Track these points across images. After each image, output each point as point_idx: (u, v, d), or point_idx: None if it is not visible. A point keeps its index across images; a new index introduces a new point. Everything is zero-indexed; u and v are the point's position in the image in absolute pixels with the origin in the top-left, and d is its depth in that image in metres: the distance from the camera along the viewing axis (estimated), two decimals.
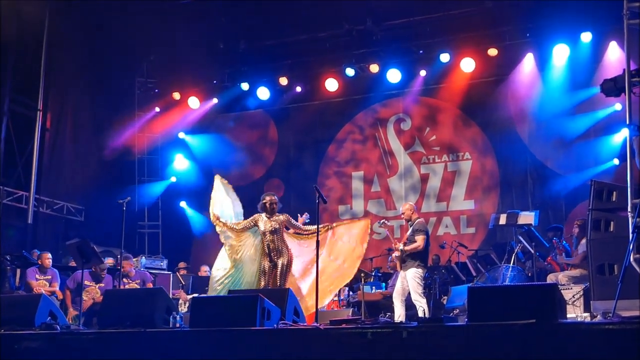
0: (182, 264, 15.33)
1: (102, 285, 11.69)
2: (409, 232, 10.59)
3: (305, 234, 10.05)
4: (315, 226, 9.33)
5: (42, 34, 14.85)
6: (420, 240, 10.29)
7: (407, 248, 10.36)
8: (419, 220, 10.64)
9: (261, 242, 9.90)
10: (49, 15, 14.78)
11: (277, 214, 9.97)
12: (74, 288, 11.57)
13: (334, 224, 10.37)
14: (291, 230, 10.12)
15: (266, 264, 9.75)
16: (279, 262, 9.71)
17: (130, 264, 12.15)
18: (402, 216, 10.95)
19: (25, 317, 7.99)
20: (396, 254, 10.56)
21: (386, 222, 11.49)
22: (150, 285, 12.00)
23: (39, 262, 11.72)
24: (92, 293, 11.38)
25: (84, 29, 15.41)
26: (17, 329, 7.70)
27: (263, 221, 9.91)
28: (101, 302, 8.71)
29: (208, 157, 17.93)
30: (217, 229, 10.26)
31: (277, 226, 9.84)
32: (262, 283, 9.71)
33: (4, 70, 14.75)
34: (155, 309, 7.65)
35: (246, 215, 10.49)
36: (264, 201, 10.01)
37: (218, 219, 10.19)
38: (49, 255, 11.83)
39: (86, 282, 10.69)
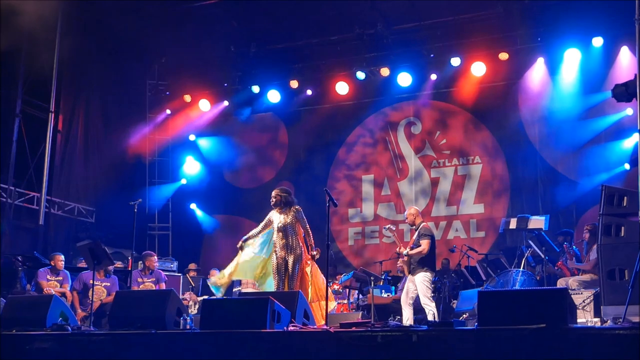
0: (192, 265, 15.39)
1: (107, 284, 11.75)
2: (414, 237, 10.61)
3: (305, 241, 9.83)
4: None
5: (54, 36, 14.91)
6: (424, 244, 10.31)
7: (411, 252, 10.38)
8: (423, 224, 10.67)
9: (277, 238, 9.73)
10: (61, 18, 14.84)
11: (288, 206, 9.74)
12: (80, 289, 11.63)
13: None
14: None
15: (279, 261, 9.63)
16: (290, 260, 9.57)
17: (153, 261, 12.22)
18: (406, 221, 10.97)
19: (36, 317, 8.03)
20: (404, 258, 10.58)
21: (392, 227, 11.51)
22: (163, 286, 12.05)
23: (52, 263, 11.78)
24: (99, 293, 11.42)
25: (96, 32, 15.48)
26: (29, 330, 7.74)
27: (276, 216, 9.78)
28: (112, 303, 8.73)
29: (218, 160, 18.00)
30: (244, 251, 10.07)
31: (289, 221, 9.63)
32: (276, 282, 9.63)
33: (16, 72, 14.84)
34: (166, 311, 7.67)
35: None
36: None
37: (241, 247, 10.04)
38: (62, 257, 11.90)
39: (91, 282, 10.72)
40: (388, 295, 12.60)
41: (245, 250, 10.00)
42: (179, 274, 14.57)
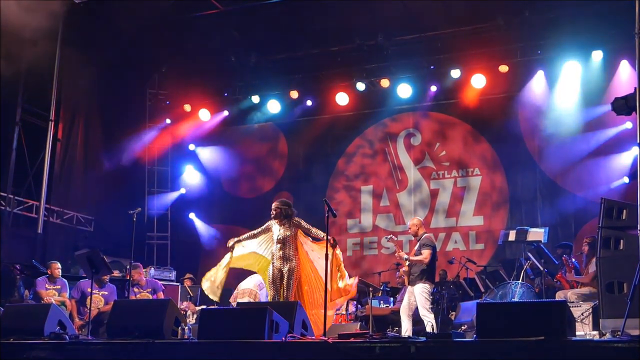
0: (188, 275, 15.33)
1: (105, 293, 11.71)
2: (416, 247, 10.58)
3: (312, 236, 9.89)
4: (322, 233, 9.46)
5: (54, 45, 14.93)
6: (426, 254, 10.28)
7: (411, 258, 10.36)
8: (426, 235, 10.63)
9: (275, 249, 9.78)
10: (62, 27, 14.86)
11: (288, 219, 9.79)
12: (79, 298, 11.60)
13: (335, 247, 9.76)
14: (301, 235, 9.88)
15: (275, 272, 9.67)
16: (285, 270, 9.61)
17: (140, 272, 12.17)
18: (409, 231, 10.93)
19: (34, 326, 8.01)
20: (404, 268, 10.57)
21: (394, 237, 11.46)
22: (161, 295, 12.02)
23: (49, 272, 11.75)
24: (96, 302, 11.39)
25: (97, 41, 15.49)
26: (26, 338, 7.72)
27: (275, 228, 9.82)
28: (110, 312, 8.71)
29: (218, 169, 18.01)
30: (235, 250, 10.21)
31: (288, 233, 9.70)
32: (272, 293, 9.68)
33: (16, 81, 14.83)
34: (164, 320, 7.65)
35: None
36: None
37: (238, 240, 10.16)
38: (59, 265, 11.86)
39: (88, 290, 10.70)
40: (386, 306, 12.58)
41: (237, 249, 10.19)
42: (177, 284, 14.55)
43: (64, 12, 14.08)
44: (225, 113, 17.72)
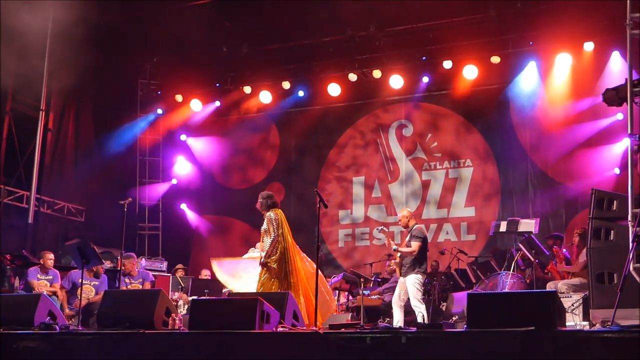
0: (179, 266, 15.32)
1: (96, 283, 11.68)
2: (407, 239, 10.60)
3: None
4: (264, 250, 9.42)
5: (45, 34, 14.84)
6: (414, 246, 10.30)
7: (400, 249, 10.38)
8: (417, 226, 10.64)
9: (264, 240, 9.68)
10: (53, 15, 14.77)
11: (266, 210, 9.66)
12: (69, 288, 11.57)
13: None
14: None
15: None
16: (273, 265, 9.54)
17: (133, 262, 12.14)
18: (399, 223, 10.95)
19: (24, 316, 7.97)
20: (396, 260, 10.59)
21: (385, 228, 11.46)
22: (148, 285, 12.00)
23: (41, 262, 11.70)
24: (87, 292, 11.37)
25: (88, 31, 15.39)
26: (16, 329, 7.69)
27: (264, 222, 9.73)
28: (100, 302, 8.68)
29: (209, 160, 17.98)
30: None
31: (264, 226, 9.61)
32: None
33: (6, 70, 14.74)
34: (155, 311, 7.63)
35: None
36: None
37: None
38: (51, 255, 11.80)
39: (79, 280, 10.66)
40: (377, 297, 12.58)
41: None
42: (169, 274, 14.54)
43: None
44: (217, 103, 17.68)
